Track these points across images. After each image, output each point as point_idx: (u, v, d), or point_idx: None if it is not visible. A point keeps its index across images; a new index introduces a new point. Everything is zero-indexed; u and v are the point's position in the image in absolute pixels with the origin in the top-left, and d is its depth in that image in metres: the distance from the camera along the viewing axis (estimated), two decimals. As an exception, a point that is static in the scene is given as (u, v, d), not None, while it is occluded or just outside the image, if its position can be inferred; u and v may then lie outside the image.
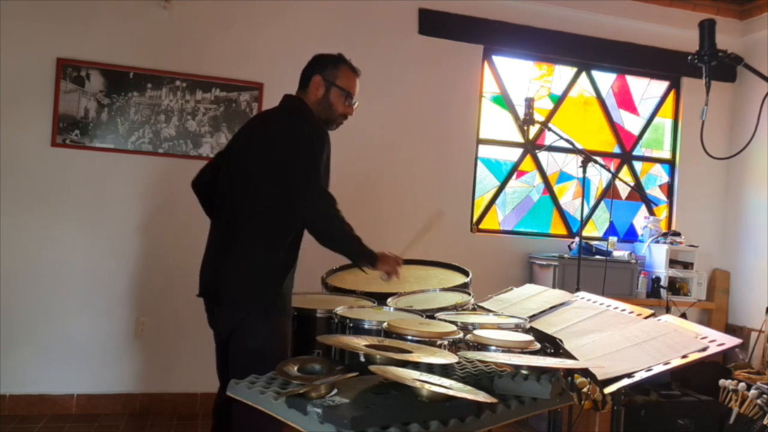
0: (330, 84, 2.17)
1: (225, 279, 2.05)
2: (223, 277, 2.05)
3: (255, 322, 2.00)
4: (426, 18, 4.17)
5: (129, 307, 3.70)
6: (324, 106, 2.18)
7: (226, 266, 2.05)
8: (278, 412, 1.32)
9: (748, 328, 4.46)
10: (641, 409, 3.33)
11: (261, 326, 1.99)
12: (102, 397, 3.65)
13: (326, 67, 2.18)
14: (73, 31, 3.59)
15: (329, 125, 2.21)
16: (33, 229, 3.55)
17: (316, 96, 2.16)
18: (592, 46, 4.49)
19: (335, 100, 2.18)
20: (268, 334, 2.00)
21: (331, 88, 2.17)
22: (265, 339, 1.98)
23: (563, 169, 4.63)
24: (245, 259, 2.02)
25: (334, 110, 2.19)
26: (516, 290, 2.77)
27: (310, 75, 2.17)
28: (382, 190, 4.12)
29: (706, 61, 1.86)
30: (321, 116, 2.17)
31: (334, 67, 2.19)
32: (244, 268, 2.02)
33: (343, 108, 2.21)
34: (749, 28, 4.68)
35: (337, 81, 2.18)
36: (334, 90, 2.17)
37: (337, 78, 2.18)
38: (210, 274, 2.14)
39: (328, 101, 2.18)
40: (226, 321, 2.07)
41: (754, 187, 4.58)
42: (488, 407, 1.36)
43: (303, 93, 2.19)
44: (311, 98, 2.17)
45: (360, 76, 2.26)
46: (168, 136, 3.75)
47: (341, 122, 2.26)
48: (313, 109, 2.16)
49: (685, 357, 1.63)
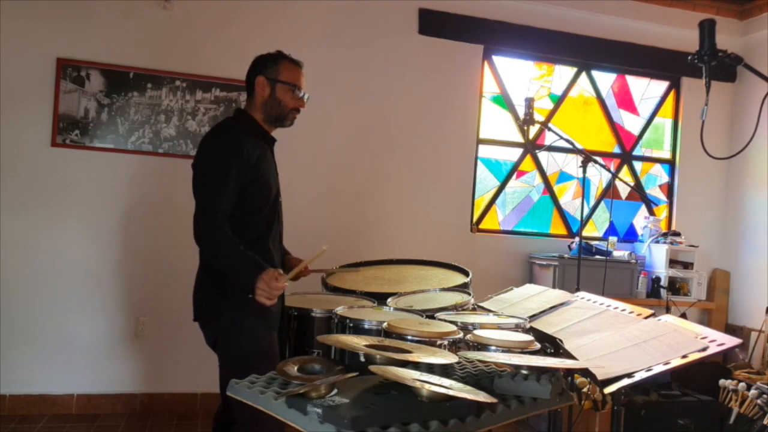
0: (273, 81, 2.16)
1: (195, 294, 2.17)
2: (195, 292, 2.17)
3: (226, 332, 2.06)
4: (426, 18, 4.17)
5: (129, 307, 3.69)
6: (273, 104, 2.18)
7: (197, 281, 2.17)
8: (278, 412, 1.32)
9: (748, 328, 4.46)
10: (641, 409, 3.33)
11: (233, 334, 2.05)
12: (102, 397, 3.65)
13: (266, 66, 2.18)
14: (73, 31, 3.59)
15: (283, 122, 2.22)
16: (33, 229, 3.55)
17: (263, 97, 2.17)
18: (592, 46, 4.49)
19: (282, 95, 2.17)
20: (242, 340, 2.04)
21: (275, 85, 2.16)
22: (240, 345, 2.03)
23: (563, 169, 4.63)
24: (202, 272, 2.14)
25: (284, 106, 2.18)
26: (516, 290, 2.77)
27: (253, 78, 2.17)
28: (382, 190, 4.12)
29: (706, 61, 1.86)
30: (272, 115, 2.18)
31: (274, 64, 2.18)
32: (201, 281, 2.14)
33: (294, 102, 2.20)
34: (749, 28, 4.68)
35: (279, 77, 2.16)
36: (279, 86, 2.16)
37: (280, 74, 2.17)
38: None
39: (276, 98, 2.17)
40: (205, 334, 2.16)
41: (754, 187, 4.58)
42: (488, 407, 1.36)
43: (250, 100, 2.20)
44: (258, 100, 2.17)
45: (303, 68, 2.24)
46: (168, 136, 3.75)
47: (294, 117, 2.24)
48: (263, 111, 2.18)
49: (685, 357, 1.63)
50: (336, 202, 3.99)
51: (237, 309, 2.03)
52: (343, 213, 4.03)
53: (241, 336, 2.04)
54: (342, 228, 4.00)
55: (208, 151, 2.06)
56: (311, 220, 3.89)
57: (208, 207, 1.96)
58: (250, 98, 2.20)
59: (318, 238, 3.25)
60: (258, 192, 2.09)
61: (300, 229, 3.18)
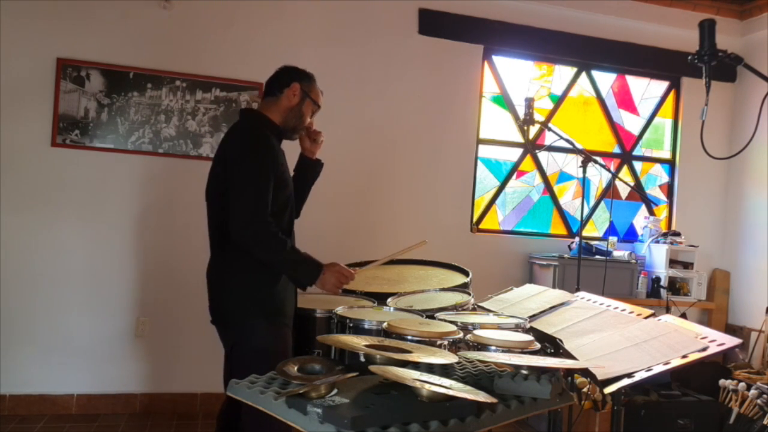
0: (306, 94, 2.24)
1: (217, 297, 2.15)
2: (217, 295, 2.16)
3: (250, 334, 2.06)
4: (426, 18, 4.17)
5: (129, 307, 3.70)
6: (295, 114, 2.23)
7: (217, 284, 2.16)
8: (278, 412, 1.32)
9: (748, 328, 4.46)
10: (641, 409, 3.33)
11: (256, 337, 2.05)
12: (102, 397, 3.65)
13: (302, 78, 2.25)
14: (73, 31, 3.59)
15: (292, 134, 2.29)
16: (33, 228, 3.55)
17: (290, 102, 2.21)
18: (592, 46, 4.49)
19: (306, 110, 2.26)
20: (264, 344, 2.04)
21: (305, 99, 2.24)
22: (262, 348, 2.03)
23: (563, 169, 4.63)
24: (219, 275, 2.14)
25: (302, 120, 2.26)
26: (516, 290, 2.77)
27: (288, 81, 2.21)
28: (382, 190, 4.12)
29: (706, 61, 1.86)
30: (288, 124, 2.23)
31: (309, 81, 2.26)
32: (220, 285, 2.14)
33: (308, 121, 2.29)
34: (749, 28, 4.68)
35: (311, 93, 2.25)
36: (308, 101, 2.25)
37: (311, 91, 2.26)
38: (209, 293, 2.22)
39: (300, 110, 2.24)
40: (224, 337, 2.17)
41: (754, 187, 4.58)
42: (488, 407, 1.36)
43: (272, 100, 2.22)
44: (284, 105, 2.21)
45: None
46: (168, 136, 3.75)
47: (300, 135, 2.34)
48: (283, 116, 2.22)
49: (685, 357, 1.63)
50: (336, 202, 3.98)
51: (257, 314, 2.06)
52: (342, 213, 4.03)
53: (258, 340, 2.05)
54: (341, 228, 4.00)
55: (247, 154, 2.07)
56: (311, 219, 3.86)
57: (257, 212, 2.00)
58: (270, 99, 2.23)
59: (318, 238, 3.25)
60: (282, 193, 2.14)
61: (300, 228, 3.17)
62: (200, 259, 2.26)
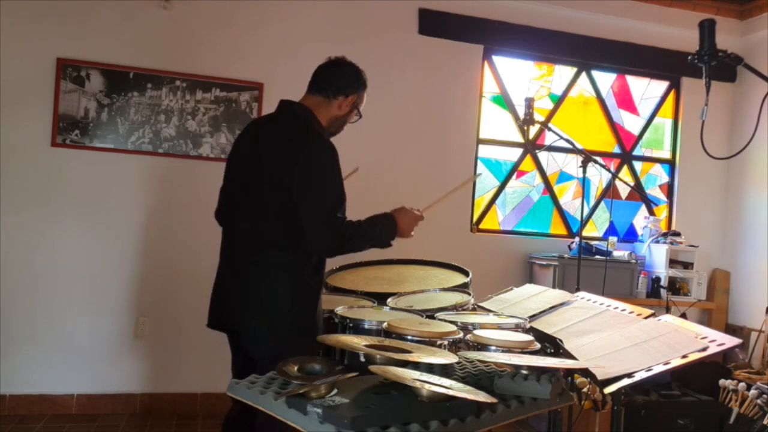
0: (355, 106, 2.14)
1: (245, 312, 1.96)
2: (243, 308, 1.97)
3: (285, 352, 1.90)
4: (426, 18, 4.17)
5: (129, 307, 3.69)
6: (340, 123, 2.14)
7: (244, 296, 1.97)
8: (278, 412, 1.32)
9: (748, 328, 4.46)
10: (641, 409, 3.33)
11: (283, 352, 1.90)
12: (102, 397, 3.65)
13: (359, 87, 2.11)
14: (73, 31, 3.59)
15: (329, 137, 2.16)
16: (33, 229, 3.55)
17: (339, 110, 2.10)
18: (592, 46, 4.49)
19: (349, 120, 2.17)
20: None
21: (353, 111, 2.15)
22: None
23: (563, 169, 4.63)
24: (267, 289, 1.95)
25: (342, 128, 2.18)
26: (516, 290, 2.77)
27: (345, 90, 2.07)
28: (382, 190, 4.11)
29: (706, 61, 1.86)
30: (331, 129, 2.14)
31: (363, 90, 2.14)
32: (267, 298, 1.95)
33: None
34: (749, 28, 4.68)
35: (359, 105, 2.16)
36: (355, 112, 2.16)
37: (361, 102, 2.15)
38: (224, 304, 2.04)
39: (345, 120, 2.15)
40: (254, 349, 1.99)
41: (754, 187, 4.58)
42: (488, 407, 1.36)
43: (323, 101, 2.07)
44: (333, 111, 2.09)
45: None
46: (168, 136, 3.75)
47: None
48: (327, 120, 2.09)
49: (685, 357, 1.63)
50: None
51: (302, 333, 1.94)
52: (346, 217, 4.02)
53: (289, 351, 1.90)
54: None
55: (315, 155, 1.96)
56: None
57: (332, 213, 1.98)
58: (320, 99, 2.07)
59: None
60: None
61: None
62: (200, 259, 2.26)
